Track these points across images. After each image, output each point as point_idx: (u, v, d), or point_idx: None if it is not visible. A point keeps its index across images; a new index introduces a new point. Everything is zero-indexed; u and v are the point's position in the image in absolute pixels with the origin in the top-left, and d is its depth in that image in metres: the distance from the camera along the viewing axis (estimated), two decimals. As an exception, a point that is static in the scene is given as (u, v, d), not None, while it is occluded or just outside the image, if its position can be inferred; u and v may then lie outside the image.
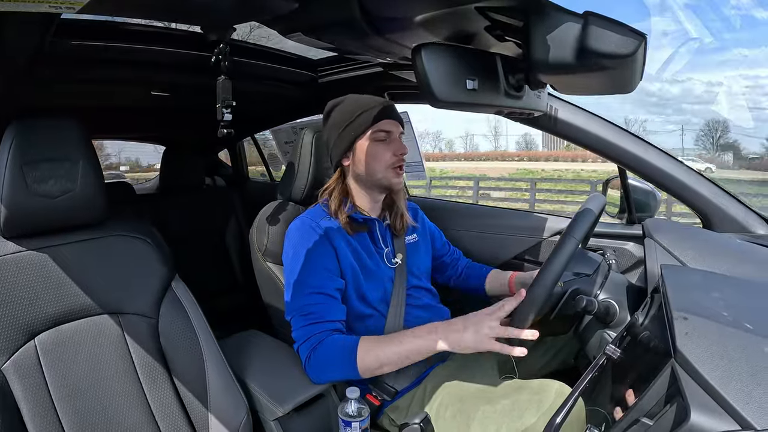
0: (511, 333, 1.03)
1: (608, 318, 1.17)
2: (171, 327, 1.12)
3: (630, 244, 1.62)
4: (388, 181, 1.30)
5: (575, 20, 0.71)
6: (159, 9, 0.95)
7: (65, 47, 1.27)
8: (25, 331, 0.97)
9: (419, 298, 1.37)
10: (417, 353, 1.10)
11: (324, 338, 1.15)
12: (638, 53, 0.70)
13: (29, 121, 0.99)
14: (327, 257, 1.22)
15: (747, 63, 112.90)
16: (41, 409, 0.95)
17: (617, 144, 1.47)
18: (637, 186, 1.63)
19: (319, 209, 1.31)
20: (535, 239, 1.79)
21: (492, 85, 0.86)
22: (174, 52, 1.48)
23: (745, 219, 1.40)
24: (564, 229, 1.08)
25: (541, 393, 1.08)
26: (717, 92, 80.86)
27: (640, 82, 0.82)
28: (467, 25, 0.91)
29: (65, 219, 1.05)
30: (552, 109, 1.50)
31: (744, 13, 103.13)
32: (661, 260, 1.10)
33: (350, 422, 1.03)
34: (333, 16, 0.95)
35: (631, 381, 0.78)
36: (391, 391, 1.23)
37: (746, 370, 0.61)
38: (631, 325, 0.97)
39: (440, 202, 2.28)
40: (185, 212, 2.80)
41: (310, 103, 2.28)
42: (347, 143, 1.29)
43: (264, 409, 1.13)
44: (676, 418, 0.60)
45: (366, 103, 1.29)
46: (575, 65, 0.73)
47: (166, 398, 1.08)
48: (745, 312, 0.78)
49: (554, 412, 0.85)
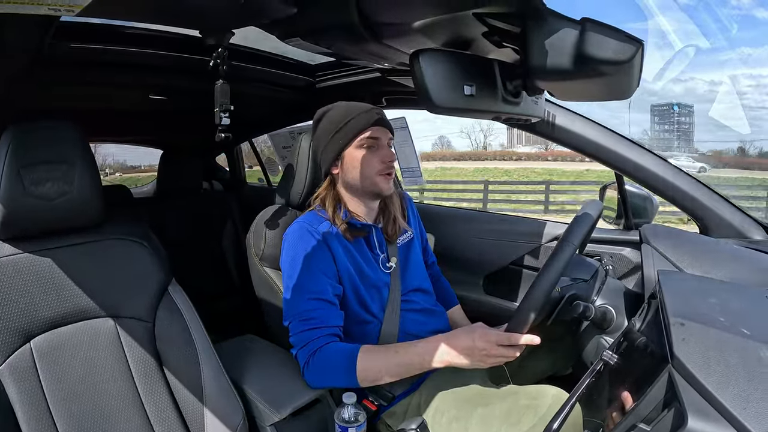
0: (513, 340, 1.03)
1: (605, 324, 1.17)
2: (167, 331, 1.11)
3: (627, 249, 1.63)
4: (377, 188, 1.29)
5: (572, 26, 0.71)
6: (158, 13, 0.95)
7: (64, 50, 1.27)
8: (21, 334, 0.96)
9: (417, 302, 1.36)
10: (419, 367, 1.11)
11: (323, 344, 1.15)
12: (635, 59, 0.70)
13: (27, 124, 0.99)
14: (325, 263, 1.22)
15: (750, 62, 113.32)
16: (36, 413, 0.94)
17: (614, 150, 1.48)
18: (634, 192, 1.63)
19: (315, 214, 1.31)
20: (533, 245, 1.80)
21: (490, 91, 0.86)
22: (172, 55, 1.48)
23: (742, 225, 1.40)
24: (561, 235, 1.08)
25: (538, 398, 1.08)
26: (719, 91, 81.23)
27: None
28: (465, 31, 0.91)
29: (62, 222, 1.04)
30: (549, 115, 1.51)
31: (745, 13, 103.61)
32: (658, 266, 1.11)
33: (347, 428, 1.03)
34: (331, 21, 0.95)
35: (628, 386, 0.78)
36: (388, 396, 1.23)
37: (743, 375, 0.61)
38: (628, 331, 0.97)
39: (436, 208, 2.28)
40: (182, 216, 2.79)
41: (307, 108, 2.26)
42: (335, 152, 1.28)
43: (260, 414, 1.13)
44: (674, 423, 0.60)
45: (354, 111, 1.28)
46: (572, 71, 0.73)
47: (161, 402, 1.08)
48: (741, 317, 0.78)
49: (551, 417, 0.85)
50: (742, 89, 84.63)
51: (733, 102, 46.15)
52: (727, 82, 53.38)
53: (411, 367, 1.11)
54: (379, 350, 1.14)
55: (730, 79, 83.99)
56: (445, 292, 1.61)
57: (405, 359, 1.10)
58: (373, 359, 1.11)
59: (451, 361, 1.08)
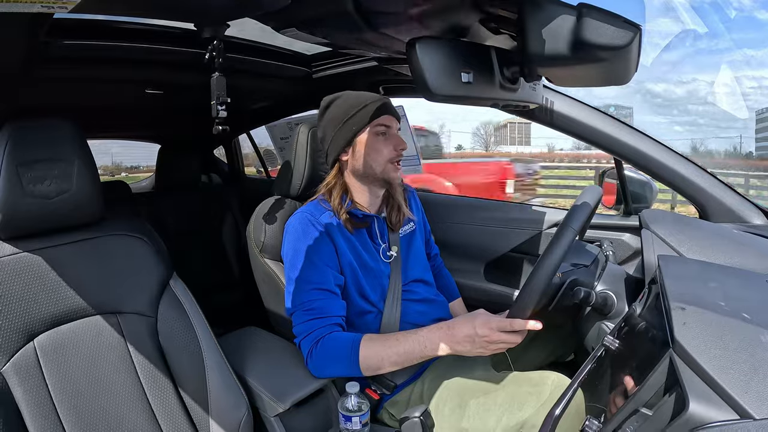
0: (515, 326, 1.03)
1: (606, 309, 1.17)
2: (170, 325, 1.12)
3: (627, 235, 1.63)
4: (387, 176, 1.30)
5: (569, 12, 0.71)
6: (152, 7, 0.94)
7: (58, 47, 1.27)
8: (24, 333, 0.96)
9: (417, 293, 1.37)
10: (420, 355, 1.11)
11: (325, 333, 1.15)
12: (633, 45, 0.70)
13: (24, 122, 0.98)
14: (327, 253, 1.23)
15: (753, 63, 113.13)
16: (42, 411, 0.94)
17: (613, 135, 1.47)
18: (634, 177, 1.63)
19: (317, 205, 1.31)
20: (533, 231, 1.80)
21: (487, 78, 0.85)
22: (168, 49, 1.47)
23: (741, 209, 1.40)
24: (561, 221, 1.08)
25: (540, 385, 1.08)
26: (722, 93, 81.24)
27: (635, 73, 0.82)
28: (462, 18, 0.91)
29: (62, 219, 1.04)
30: (547, 101, 1.50)
31: (746, 14, 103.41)
32: (659, 251, 1.10)
33: (350, 417, 1.04)
34: (327, 11, 0.94)
35: (629, 371, 0.79)
36: (390, 385, 1.24)
37: (744, 359, 0.61)
38: (629, 316, 0.98)
39: (437, 196, 2.28)
40: (182, 210, 2.79)
41: (304, 98, 2.28)
42: (347, 138, 1.28)
43: (264, 405, 1.14)
44: (675, 407, 0.61)
45: (365, 99, 1.29)
46: (570, 57, 0.73)
47: (166, 396, 1.08)
48: (742, 302, 0.78)
49: (553, 403, 0.85)
50: (746, 90, 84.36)
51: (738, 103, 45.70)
52: (730, 84, 53.39)
53: (412, 355, 1.11)
54: (381, 339, 1.14)
55: (735, 81, 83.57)
56: (447, 284, 1.62)
57: (406, 347, 1.11)
58: (375, 347, 1.12)
59: (452, 348, 1.08)
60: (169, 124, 2.93)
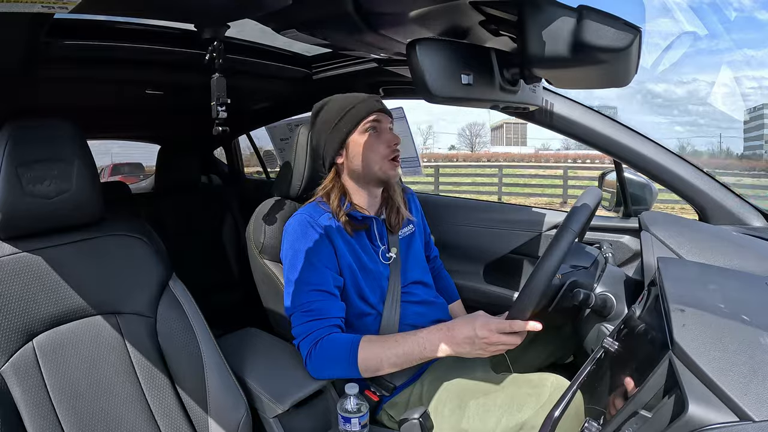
0: (514, 327, 1.03)
1: (606, 311, 1.17)
2: (169, 326, 1.12)
3: (626, 237, 1.63)
4: (385, 174, 1.29)
5: (569, 14, 0.71)
6: (152, 7, 0.94)
7: (58, 47, 1.27)
8: (23, 333, 0.96)
9: (417, 294, 1.37)
10: (419, 356, 1.11)
11: (324, 335, 1.15)
12: (633, 47, 0.70)
13: (23, 122, 0.98)
14: (326, 255, 1.22)
15: (753, 64, 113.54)
16: (41, 411, 0.94)
17: (613, 137, 1.47)
18: (633, 179, 1.63)
19: (315, 206, 1.30)
20: (532, 233, 1.80)
21: (487, 80, 0.85)
22: (168, 50, 1.47)
23: (741, 211, 1.40)
24: (561, 223, 1.08)
25: (539, 386, 1.08)
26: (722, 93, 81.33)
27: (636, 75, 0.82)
28: (462, 19, 0.91)
29: (61, 220, 1.04)
30: (547, 103, 1.50)
31: (746, 15, 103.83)
32: (658, 253, 1.11)
33: (350, 418, 1.03)
34: (327, 12, 0.94)
35: (629, 373, 0.79)
36: (390, 386, 1.23)
37: (744, 361, 0.61)
38: (629, 318, 0.98)
39: (436, 198, 2.28)
40: (181, 211, 2.79)
41: (304, 100, 2.27)
42: (340, 139, 1.28)
43: (263, 406, 1.14)
44: (674, 409, 0.61)
45: (353, 100, 1.29)
46: (570, 59, 0.73)
47: (165, 397, 1.08)
48: (741, 304, 0.78)
49: (553, 405, 0.85)
50: (746, 91, 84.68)
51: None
52: (730, 84, 53.12)
53: (411, 357, 1.11)
54: (380, 340, 1.14)
55: (734, 81, 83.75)
56: (447, 286, 1.62)
57: (405, 348, 1.11)
58: (374, 349, 1.12)
59: (451, 350, 1.08)
60: (169, 125, 2.93)
